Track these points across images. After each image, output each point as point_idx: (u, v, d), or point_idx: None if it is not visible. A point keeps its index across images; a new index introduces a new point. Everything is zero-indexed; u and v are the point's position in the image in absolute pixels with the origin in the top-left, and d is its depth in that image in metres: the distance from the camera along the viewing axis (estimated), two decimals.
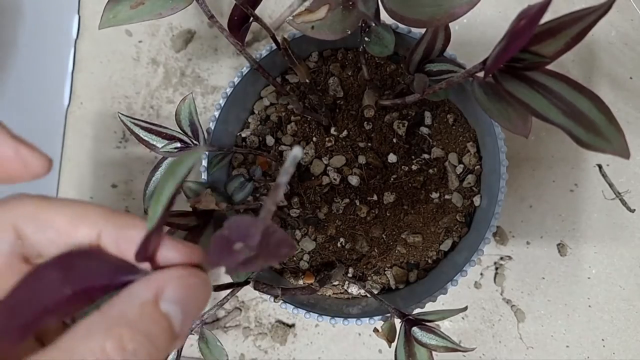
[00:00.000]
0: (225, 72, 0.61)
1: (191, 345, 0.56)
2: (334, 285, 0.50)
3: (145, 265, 0.22)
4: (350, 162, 0.49)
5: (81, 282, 0.21)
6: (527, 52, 0.29)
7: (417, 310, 0.44)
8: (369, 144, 0.49)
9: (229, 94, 0.47)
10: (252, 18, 0.40)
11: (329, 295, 0.51)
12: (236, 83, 0.47)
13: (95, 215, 0.23)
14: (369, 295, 0.48)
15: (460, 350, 0.40)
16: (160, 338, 0.20)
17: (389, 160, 0.49)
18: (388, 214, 0.49)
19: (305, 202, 0.49)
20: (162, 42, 0.62)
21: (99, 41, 0.62)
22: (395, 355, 0.41)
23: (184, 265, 0.22)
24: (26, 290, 0.20)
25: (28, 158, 0.23)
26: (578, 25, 0.27)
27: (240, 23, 0.41)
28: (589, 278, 0.55)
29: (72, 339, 0.19)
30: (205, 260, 0.23)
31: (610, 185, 0.55)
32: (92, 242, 0.23)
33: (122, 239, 0.23)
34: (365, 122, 0.49)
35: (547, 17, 0.26)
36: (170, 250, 0.22)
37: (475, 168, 0.49)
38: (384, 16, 0.35)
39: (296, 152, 0.19)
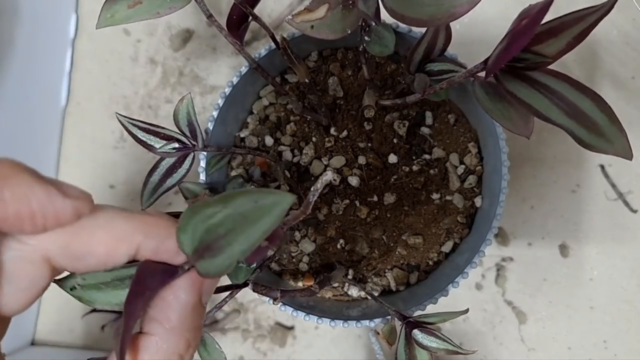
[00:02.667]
0: (224, 71, 0.60)
1: None
2: (333, 287, 0.50)
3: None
4: (350, 163, 0.49)
5: (136, 285, 0.22)
6: (528, 52, 0.29)
7: (417, 313, 0.44)
8: (369, 144, 0.49)
9: (227, 93, 0.47)
10: (251, 17, 0.40)
11: (329, 297, 0.50)
12: (235, 83, 0.47)
13: (134, 233, 0.22)
14: (369, 297, 0.48)
15: (461, 353, 0.40)
16: (202, 322, 0.24)
17: (390, 161, 0.48)
18: (388, 215, 0.48)
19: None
20: (160, 42, 0.61)
21: (97, 40, 0.62)
22: (396, 357, 0.41)
23: None
24: None
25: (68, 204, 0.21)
26: (580, 25, 0.27)
27: (239, 22, 0.41)
28: (590, 279, 0.55)
29: (151, 348, 0.22)
30: None
31: (613, 185, 0.55)
32: (130, 257, 0.23)
33: (161, 250, 0.23)
34: (366, 122, 0.49)
35: (548, 17, 0.25)
36: None
37: (477, 169, 0.48)
38: (384, 15, 0.35)
39: (328, 177, 0.21)
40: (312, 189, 0.21)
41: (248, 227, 0.20)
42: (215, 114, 0.47)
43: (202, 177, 0.46)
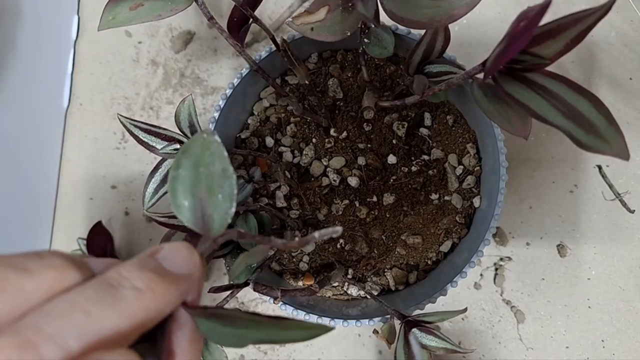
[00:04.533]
0: (224, 73, 0.61)
1: None
2: (333, 287, 0.50)
3: None
4: (350, 164, 0.49)
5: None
6: (526, 53, 0.29)
7: (416, 312, 0.44)
8: (369, 145, 0.49)
9: (228, 95, 0.47)
10: (251, 19, 0.40)
11: (329, 297, 0.51)
12: (236, 84, 0.47)
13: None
14: (368, 296, 0.48)
15: (460, 352, 0.40)
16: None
17: (389, 162, 0.49)
18: (388, 215, 0.49)
19: (304, 203, 0.49)
20: (161, 43, 0.62)
21: (99, 42, 0.62)
22: (395, 356, 0.41)
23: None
24: None
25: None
26: (578, 27, 0.27)
27: (240, 24, 0.41)
28: (588, 279, 0.55)
29: None
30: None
31: (610, 186, 0.55)
32: None
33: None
34: (365, 124, 0.49)
35: (546, 19, 0.26)
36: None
37: (475, 169, 0.49)
38: (384, 17, 0.35)
39: (339, 231, 0.21)
40: (316, 234, 0.21)
41: (277, 329, 0.21)
42: (216, 115, 0.47)
43: None
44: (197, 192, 0.23)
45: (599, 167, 0.56)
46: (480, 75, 0.32)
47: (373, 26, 0.40)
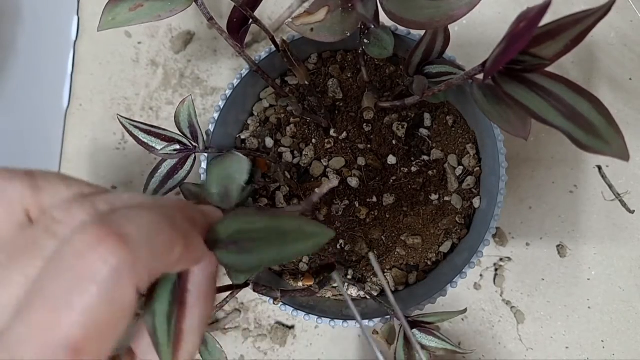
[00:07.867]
0: (224, 73, 0.61)
1: None
2: (333, 287, 0.50)
3: None
4: (350, 164, 0.49)
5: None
6: (526, 54, 0.29)
7: (416, 312, 0.44)
8: (369, 146, 0.49)
9: (228, 95, 0.47)
10: (251, 20, 0.40)
11: (329, 297, 0.51)
12: (235, 85, 0.47)
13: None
14: (368, 297, 0.48)
15: (459, 352, 0.40)
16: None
17: (389, 162, 0.49)
18: (387, 216, 0.49)
19: None
20: (161, 44, 0.62)
21: (98, 42, 0.62)
22: (395, 357, 0.41)
23: None
24: None
25: None
26: (577, 28, 0.27)
27: (240, 25, 0.41)
28: (588, 279, 0.55)
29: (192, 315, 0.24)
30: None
31: (610, 186, 0.55)
32: None
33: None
34: (365, 124, 0.49)
35: (546, 19, 0.26)
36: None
37: (475, 170, 0.49)
38: (383, 18, 0.35)
39: (334, 183, 0.24)
40: (316, 190, 0.23)
41: (284, 244, 0.23)
42: (216, 115, 0.47)
43: (203, 178, 0.46)
44: (224, 183, 0.28)
45: (599, 168, 0.56)
46: (480, 76, 0.32)
47: (373, 27, 0.40)
